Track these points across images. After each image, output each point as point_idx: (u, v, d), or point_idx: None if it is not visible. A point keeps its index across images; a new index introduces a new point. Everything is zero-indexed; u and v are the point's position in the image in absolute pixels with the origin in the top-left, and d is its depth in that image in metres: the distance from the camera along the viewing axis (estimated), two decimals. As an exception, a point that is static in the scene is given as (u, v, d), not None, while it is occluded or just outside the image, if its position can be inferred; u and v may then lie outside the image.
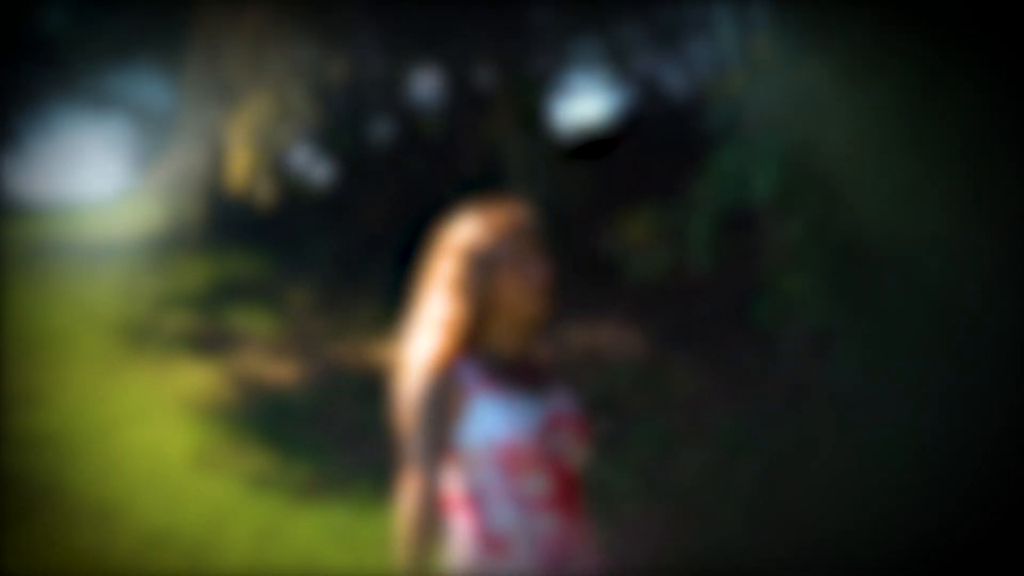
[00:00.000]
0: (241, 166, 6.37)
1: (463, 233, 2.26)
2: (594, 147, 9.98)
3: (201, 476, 5.75)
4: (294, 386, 7.20)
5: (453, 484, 2.18)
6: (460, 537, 2.16)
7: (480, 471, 2.13)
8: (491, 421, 2.12)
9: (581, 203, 7.54)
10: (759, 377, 6.40)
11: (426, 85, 10.44)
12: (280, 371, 7.47)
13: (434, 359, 2.16)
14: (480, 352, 2.21)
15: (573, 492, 2.20)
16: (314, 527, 5.11)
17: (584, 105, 12.35)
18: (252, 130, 6.12)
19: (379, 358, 7.62)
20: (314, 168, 11.04)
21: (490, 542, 2.13)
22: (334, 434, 6.32)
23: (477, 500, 2.15)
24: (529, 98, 8.80)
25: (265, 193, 6.58)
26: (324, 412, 6.69)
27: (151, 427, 6.45)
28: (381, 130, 10.45)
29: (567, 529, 2.17)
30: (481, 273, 2.20)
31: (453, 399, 2.13)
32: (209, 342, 7.91)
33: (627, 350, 7.00)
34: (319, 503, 5.36)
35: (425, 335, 2.21)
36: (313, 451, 6.06)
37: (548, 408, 2.20)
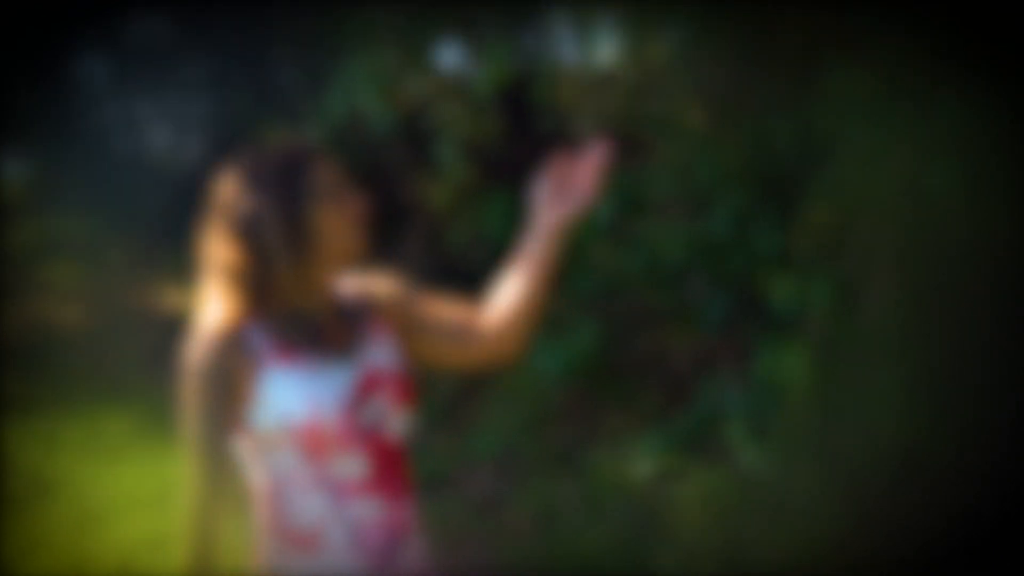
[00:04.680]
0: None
1: (256, 160, 1.82)
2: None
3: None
4: (77, 328, 7.72)
5: (252, 473, 1.83)
6: (260, 533, 1.82)
7: (278, 458, 1.79)
8: (285, 398, 1.76)
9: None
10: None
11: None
12: (67, 314, 7.99)
13: (216, 324, 1.77)
14: (275, 311, 1.80)
15: (397, 470, 1.87)
16: (25, 435, 5.63)
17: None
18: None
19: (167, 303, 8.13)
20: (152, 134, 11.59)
21: (295, 538, 1.80)
22: (93, 364, 6.81)
23: (277, 491, 1.81)
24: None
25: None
26: (93, 348, 7.18)
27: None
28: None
29: (392, 513, 1.85)
30: (287, 204, 1.76)
31: (239, 374, 1.76)
32: (6, 290, 8.37)
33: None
34: (41, 417, 5.89)
35: (213, 293, 1.81)
36: (61, 378, 6.57)
37: (359, 371, 1.84)
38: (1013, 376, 2.67)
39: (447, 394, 6.06)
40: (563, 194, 1.98)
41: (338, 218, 1.81)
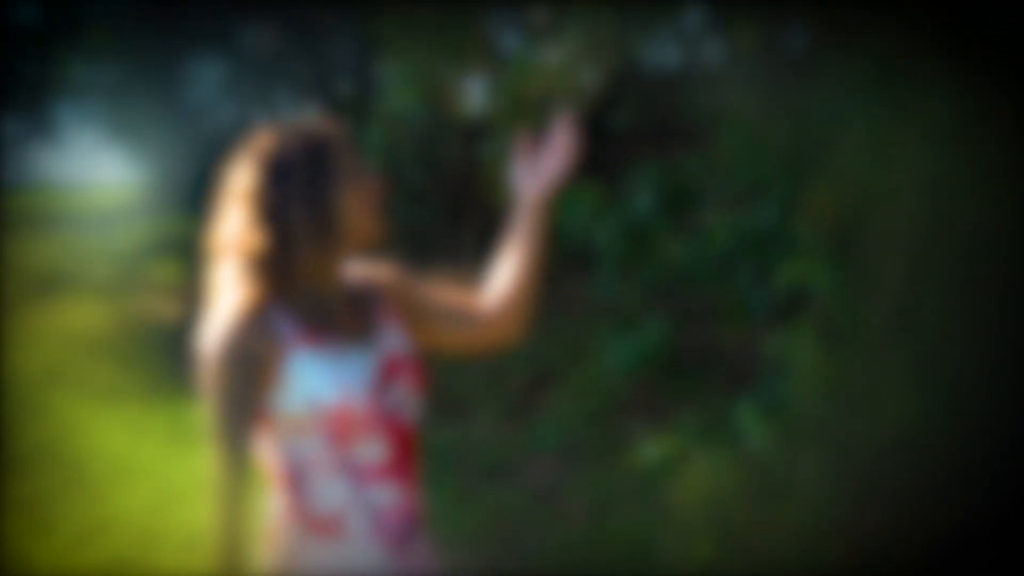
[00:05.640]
0: None
1: (278, 146, 1.80)
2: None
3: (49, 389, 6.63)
4: (177, 321, 8.04)
5: (271, 458, 1.82)
6: (280, 519, 1.83)
7: (302, 442, 1.77)
8: (314, 381, 1.75)
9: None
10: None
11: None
12: (169, 310, 8.35)
13: (240, 307, 1.75)
14: (295, 295, 1.79)
15: (411, 455, 1.88)
16: (115, 421, 5.96)
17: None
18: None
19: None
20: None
21: (316, 524, 1.80)
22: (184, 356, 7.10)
23: (298, 476, 1.80)
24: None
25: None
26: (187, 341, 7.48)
27: (34, 352, 7.38)
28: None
29: (408, 499, 1.87)
30: (313, 190, 1.77)
31: (266, 356, 1.74)
32: (116, 286, 8.81)
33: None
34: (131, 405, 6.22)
35: (231, 277, 1.77)
36: (153, 369, 6.91)
37: (380, 355, 1.85)
38: (1019, 363, 2.64)
39: (517, 387, 6.17)
40: (537, 171, 2.05)
41: (360, 201, 1.81)
